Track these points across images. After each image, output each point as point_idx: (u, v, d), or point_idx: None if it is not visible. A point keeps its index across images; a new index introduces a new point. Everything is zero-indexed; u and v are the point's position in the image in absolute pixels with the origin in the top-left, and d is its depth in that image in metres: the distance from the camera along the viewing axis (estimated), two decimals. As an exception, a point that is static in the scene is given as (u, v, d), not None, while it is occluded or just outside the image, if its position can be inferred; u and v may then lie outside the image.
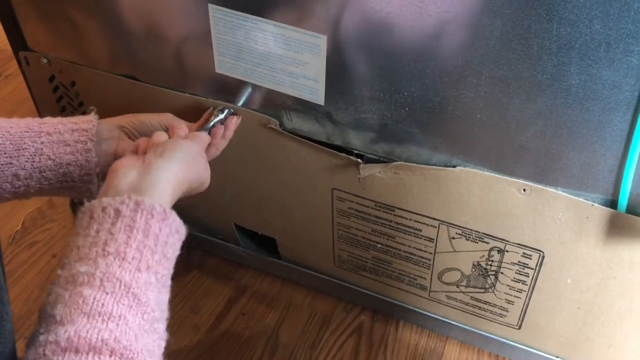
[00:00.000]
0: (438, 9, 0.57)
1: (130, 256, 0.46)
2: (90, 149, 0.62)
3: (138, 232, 0.48)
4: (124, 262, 0.46)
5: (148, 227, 0.48)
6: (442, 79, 0.61)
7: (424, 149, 0.68)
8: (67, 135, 0.62)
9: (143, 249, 0.47)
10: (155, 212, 0.49)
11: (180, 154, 0.57)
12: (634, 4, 0.50)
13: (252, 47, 0.68)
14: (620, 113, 0.56)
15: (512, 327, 0.81)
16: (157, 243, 0.49)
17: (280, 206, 0.84)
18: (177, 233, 0.52)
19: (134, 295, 0.45)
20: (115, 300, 0.44)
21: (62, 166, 0.62)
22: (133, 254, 0.47)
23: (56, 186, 0.63)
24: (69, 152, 0.62)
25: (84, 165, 0.62)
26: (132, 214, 0.48)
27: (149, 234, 0.48)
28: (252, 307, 0.93)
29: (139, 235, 0.48)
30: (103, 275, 0.45)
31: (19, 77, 0.92)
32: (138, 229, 0.48)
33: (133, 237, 0.47)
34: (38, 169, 0.61)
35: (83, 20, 0.77)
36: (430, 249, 0.77)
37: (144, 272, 0.47)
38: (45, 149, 0.61)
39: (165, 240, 0.50)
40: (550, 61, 0.55)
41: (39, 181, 0.62)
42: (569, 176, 0.63)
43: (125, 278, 0.45)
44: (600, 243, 0.66)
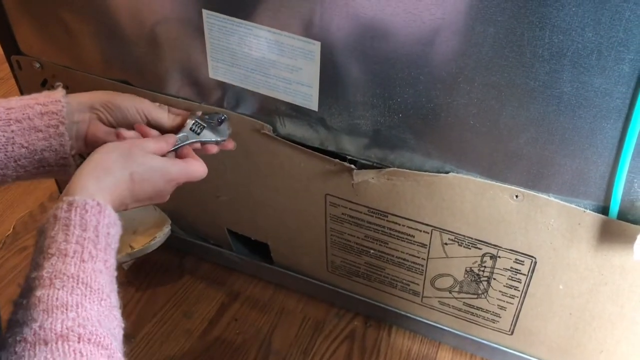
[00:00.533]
0: (432, 16, 0.57)
1: (71, 251, 0.48)
2: (63, 133, 0.61)
3: (75, 227, 0.49)
4: (66, 258, 0.47)
5: (84, 221, 0.49)
6: (436, 85, 0.61)
7: (417, 155, 0.68)
8: (37, 121, 0.60)
9: (83, 242, 0.49)
10: (88, 206, 0.50)
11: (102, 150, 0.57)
12: (625, 13, 0.50)
13: (246, 53, 0.68)
14: (612, 120, 0.56)
15: (504, 333, 0.81)
16: (97, 234, 0.50)
17: (273, 211, 0.84)
18: (115, 226, 0.53)
19: (85, 284, 0.46)
20: (68, 293, 0.45)
21: (36, 153, 0.61)
22: (74, 248, 0.48)
23: (33, 172, 0.62)
24: (41, 138, 0.60)
25: (59, 149, 0.61)
26: (67, 214, 0.50)
27: (86, 227, 0.49)
28: (245, 312, 0.93)
29: (76, 230, 0.49)
30: (50, 274, 0.46)
31: (11, 81, 0.91)
32: (74, 225, 0.49)
33: (70, 233, 0.48)
34: (12, 158, 0.60)
35: (76, 24, 0.77)
36: (423, 255, 0.77)
37: (89, 261, 0.48)
38: (17, 137, 0.60)
39: (106, 231, 0.51)
40: (542, 68, 0.56)
41: (15, 170, 0.61)
42: (561, 183, 0.63)
43: (70, 271, 0.46)
44: (592, 249, 0.66)
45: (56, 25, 0.78)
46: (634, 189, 0.60)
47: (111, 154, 0.57)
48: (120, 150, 0.58)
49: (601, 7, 0.50)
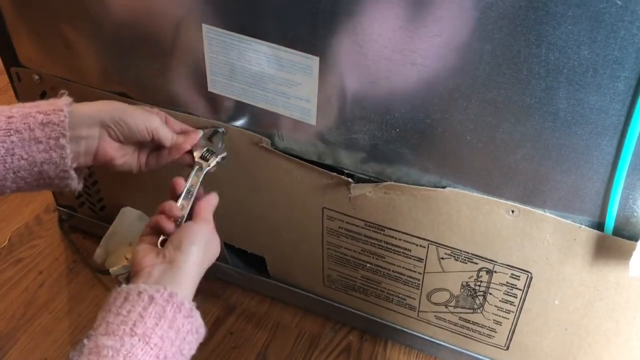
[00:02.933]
0: (429, 33, 0.57)
1: (153, 342, 0.49)
2: (63, 146, 0.59)
3: (165, 321, 0.51)
4: (146, 347, 0.49)
5: (174, 319, 0.51)
6: (433, 101, 0.62)
7: (414, 169, 0.69)
8: (38, 132, 0.59)
9: (165, 339, 0.50)
10: (183, 307, 0.53)
11: (196, 245, 0.59)
12: (620, 32, 0.51)
13: (245, 67, 0.69)
14: (607, 137, 0.57)
15: (500, 348, 0.81)
16: (177, 337, 0.52)
17: (270, 225, 0.84)
18: (197, 333, 0.55)
19: None
20: None
21: (36, 165, 0.59)
22: (156, 341, 0.50)
23: (33, 184, 0.61)
24: (42, 150, 0.59)
25: (59, 162, 0.60)
26: (164, 304, 0.51)
27: (172, 326, 0.51)
28: (240, 326, 0.93)
29: (165, 325, 0.51)
30: (127, 353, 0.47)
31: (10, 92, 0.91)
32: (166, 318, 0.51)
33: (160, 326, 0.50)
34: (12, 169, 0.59)
35: (75, 37, 0.77)
36: (420, 269, 0.78)
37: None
38: (17, 148, 0.58)
39: (184, 336, 0.52)
40: (539, 85, 0.56)
41: (14, 181, 0.60)
42: (557, 198, 0.63)
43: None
44: (587, 265, 0.66)
45: (56, 37, 0.78)
46: (629, 205, 0.61)
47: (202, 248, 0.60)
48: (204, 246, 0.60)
49: (597, 25, 0.51)
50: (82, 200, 1.00)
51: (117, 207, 0.92)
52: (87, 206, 1.00)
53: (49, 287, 0.97)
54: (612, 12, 0.50)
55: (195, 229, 0.60)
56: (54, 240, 1.04)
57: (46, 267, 1.00)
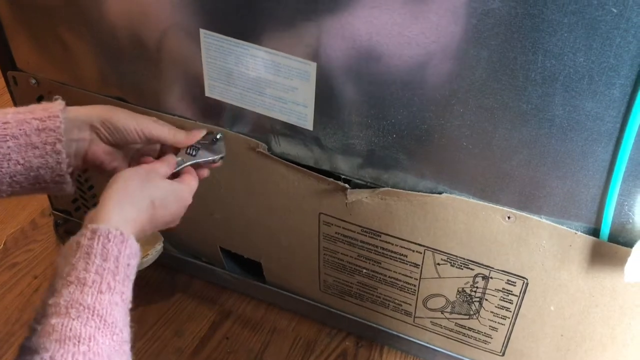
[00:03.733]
0: (426, 39, 0.58)
1: (90, 280, 0.48)
2: (60, 151, 0.60)
3: (96, 257, 0.49)
4: (84, 287, 0.48)
5: (105, 250, 0.50)
6: (429, 107, 0.62)
7: (411, 175, 0.69)
8: (34, 137, 0.59)
9: (103, 272, 0.49)
10: (111, 235, 0.51)
11: (122, 178, 0.57)
12: (616, 39, 0.51)
13: (243, 72, 0.69)
14: (603, 143, 0.57)
15: (495, 354, 0.81)
16: (117, 265, 0.50)
17: (266, 230, 0.84)
18: (135, 257, 0.53)
19: (100, 316, 0.47)
20: (82, 324, 0.46)
21: (32, 170, 0.60)
22: (93, 278, 0.48)
23: (28, 188, 0.61)
24: (38, 155, 0.59)
25: (55, 167, 0.60)
26: (89, 242, 0.50)
27: (107, 257, 0.50)
28: (236, 331, 0.93)
29: (97, 259, 0.49)
30: (67, 302, 0.47)
31: (6, 96, 0.91)
32: (95, 254, 0.50)
33: (91, 262, 0.49)
34: (8, 174, 0.59)
35: (73, 41, 0.77)
36: (416, 275, 0.78)
37: (106, 293, 0.48)
38: (13, 153, 0.59)
39: (127, 262, 0.51)
40: (535, 92, 0.57)
41: (10, 185, 0.60)
42: (553, 204, 0.64)
43: (87, 301, 0.47)
44: (583, 271, 0.66)
45: (53, 42, 0.78)
46: (624, 212, 0.61)
47: (132, 181, 0.58)
48: (139, 177, 0.58)
49: (592, 33, 0.51)
50: (78, 205, 1.00)
51: (113, 211, 0.91)
52: (82, 210, 1.00)
53: (45, 291, 0.97)
54: (607, 20, 0.50)
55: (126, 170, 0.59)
56: (50, 245, 1.04)
57: (41, 271, 1.00)
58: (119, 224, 0.53)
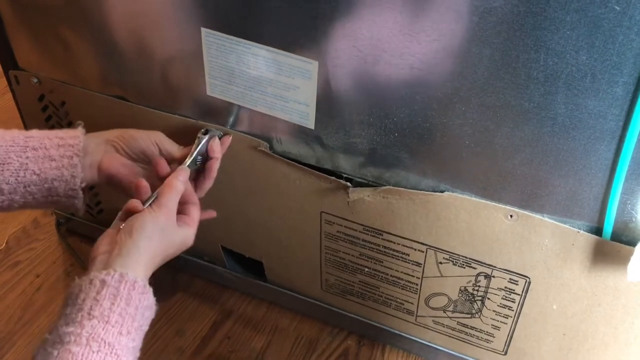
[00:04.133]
0: (428, 38, 0.58)
1: (113, 320, 0.50)
2: (76, 164, 0.62)
3: (121, 300, 0.51)
4: (107, 325, 0.50)
5: (130, 297, 0.52)
6: (431, 105, 0.62)
7: (413, 174, 0.69)
8: (53, 151, 0.62)
9: (125, 315, 0.51)
10: (137, 284, 0.53)
11: (147, 231, 0.58)
12: (619, 37, 0.51)
13: (244, 71, 0.69)
14: (606, 142, 0.57)
15: (498, 353, 0.81)
16: (136, 312, 0.53)
17: (268, 229, 0.84)
18: (151, 309, 0.55)
19: (117, 355, 0.49)
20: (101, 358, 0.48)
21: (47, 181, 0.61)
22: (116, 319, 0.50)
23: (41, 200, 0.63)
24: (54, 167, 0.61)
25: (69, 180, 0.62)
26: (117, 284, 0.52)
27: (130, 303, 0.52)
28: (238, 330, 0.92)
29: (122, 302, 0.51)
30: (89, 335, 0.48)
31: (8, 95, 0.91)
32: (121, 297, 0.52)
33: (117, 304, 0.51)
34: (23, 183, 0.61)
35: (74, 40, 0.77)
36: (418, 274, 0.77)
37: (125, 336, 0.51)
38: (30, 164, 0.61)
39: (143, 312, 0.54)
40: (537, 90, 0.56)
41: (23, 196, 0.61)
42: (555, 203, 0.63)
43: (109, 339, 0.49)
44: (586, 270, 0.66)
45: (55, 41, 0.78)
46: (627, 210, 0.61)
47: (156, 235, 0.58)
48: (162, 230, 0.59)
49: (595, 30, 0.51)
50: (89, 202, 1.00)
51: (114, 210, 0.91)
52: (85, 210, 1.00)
53: (47, 290, 0.97)
54: (610, 18, 0.50)
55: (147, 215, 0.60)
56: (52, 244, 1.04)
57: (43, 270, 1.00)
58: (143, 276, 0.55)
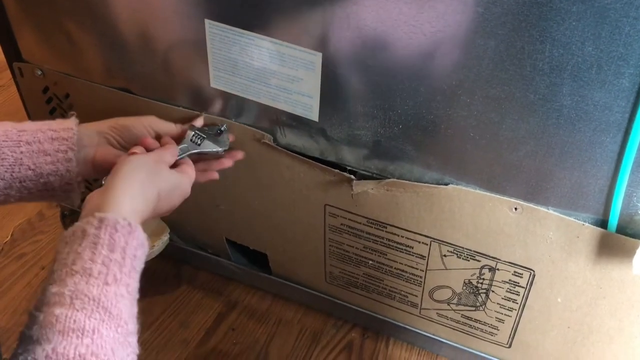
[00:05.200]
0: (432, 29, 0.57)
1: (96, 271, 0.47)
2: (70, 159, 0.61)
3: (102, 247, 0.48)
4: (90, 278, 0.47)
5: (113, 241, 0.49)
6: (436, 97, 0.62)
7: (417, 166, 0.68)
8: (47, 145, 0.61)
9: (109, 263, 0.48)
10: (119, 226, 0.50)
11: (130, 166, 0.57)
12: (625, 28, 0.50)
13: (248, 63, 0.69)
14: (611, 134, 0.57)
15: (502, 346, 0.81)
16: (124, 256, 0.49)
17: (272, 221, 0.84)
18: (142, 247, 0.52)
19: (105, 308, 0.46)
20: (87, 316, 0.45)
21: (42, 176, 0.61)
22: (99, 269, 0.47)
23: (37, 195, 0.63)
24: (49, 162, 0.61)
25: (65, 175, 0.62)
26: (97, 231, 0.49)
27: (114, 248, 0.49)
28: (242, 322, 0.93)
29: (104, 250, 0.48)
30: (72, 293, 0.45)
31: (12, 88, 0.91)
32: (102, 244, 0.48)
33: (97, 253, 0.48)
34: (18, 179, 0.60)
35: (78, 32, 0.77)
36: (422, 267, 0.77)
37: (112, 285, 0.47)
38: (25, 159, 0.60)
39: (133, 253, 0.50)
40: (542, 82, 0.56)
41: (19, 190, 0.61)
42: (560, 196, 0.63)
43: (93, 293, 0.46)
44: (591, 263, 0.66)
45: (59, 33, 0.78)
46: (632, 203, 0.60)
47: (140, 171, 0.57)
48: (147, 167, 0.58)
49: (601, 21, 0.51)
50: (84, 196, 1.00)
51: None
52: (89, 202, 1.01)
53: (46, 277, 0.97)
54: (617, 8, 0.50)
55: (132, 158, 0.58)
56: (57, 236, 1.04)
57: (49, 262, 1.00)
58: (127, 214, 0.52)
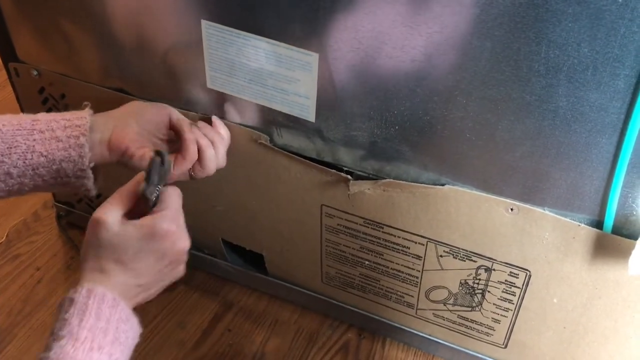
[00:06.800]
0: (429, 30, 0.57)
1: (82, 336, 0.49)
2: (83, 144, 0.61)
3: (90, 315, 0.50)
4: (76, 343, 0.48)
5: (100, 311, 0.51)
6: (432, 98, 0.62)
7: (413, 167, 0.69)
8: (59, 132, 0.61)
9: (95, 330, 0.50)
10: (106, 298, 0.51)
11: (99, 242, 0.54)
12: (621, 29, 0.51)
13: (244, 64, 0.69)
14: (607, 135, 0.57)
15: (498, 346, 0.81)
16: (108, 327, 0.51)
17: (268, 222, 0.84)
18: (128, 321, 0.53)
19: None
20: None
21: (55, 162, 0.61)
22: (85, 335, 0.49)
23: (50, 182, 0.63)
24: (61, 148, 0.61)
25: (77, 161, 0.62)
26: (85, 300, 0.51)
27: (100, 317, 0.50)
28: (239, 323, 0.93)
29: (91, 318, 0.50)
30: (58, 355, 0.47)
31: (8, 88, 0.91)
32: (90, 312, 0.50)
33: (85, 320, 0.50)
34: (31, 166, 0.60)
35: (74, 33, 0.77)
36: (418, 267, 0.77)
37: (96, 351, 0.49)
38: (37, 145, 0.60)
39: (116, 325, 0.51)
40: (538, 83, 0.56)
41: (32, 178, 0.61)
42: (556, 196, 0.63)
43: (78, 356, 0.48)
44: (586, 263, 0.66)
45: (55, 33, 0.78)
46: (628, 204, 0.60)
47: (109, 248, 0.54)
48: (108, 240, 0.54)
49: (597, 23, 0.51)
50: (80, 197, 1.00)
51: (115, 203, 0.91)
52: (85, 202, 1.00)
53: (47, 283, 0.97)
54: (612, 10, 0.50)
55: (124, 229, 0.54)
56: (52, 237, 1.04)
57: (44, 263, 1.00)
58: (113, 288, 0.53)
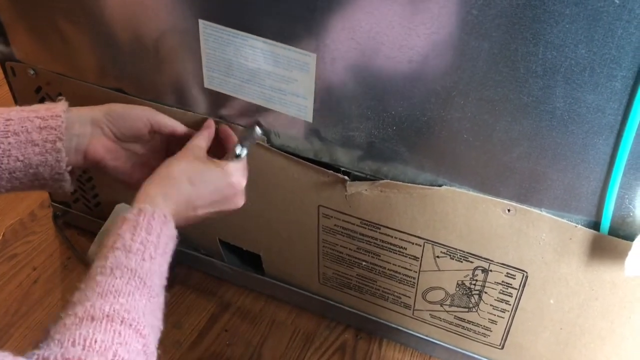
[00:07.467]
0: (427, 30, 0.57)
1: (135, 248, 0.52)
2: (59, 149, 0.61)
3: (141, 229, 0.54)
4: (129, 253, 0.52)
5: (150, 226, 0.55)
6: (430, 99, 0.62)
7: (411, 167, 0.69)
8: (35, 135, 0.60)
9: (146, 243, 0.53)
10: (156, 215, 0.56)
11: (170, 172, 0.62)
12: (618, 31, 0.51)
13: (242, 64, 0.68)
14: (604, 136, 0.57)
15: (495, 347, 0.81)
16: (159, 240, 0.55)
17: (265, 222, 0.84)
18: (173, 240, 0.57)
19: (141, 278, 0.51)
20: (124, 282, 0.50)
21: (31, 167, 0.61)
22: (137, 247, 0.53)
23: (27, 185, 0.62)
24: (37, 153, 0.60)
25: (54, 165, 0.61)
26: (136, 217, 0.55)
27: (151, 232, 0.54)
28: (235, 323, 0.93)
29: (142, 232, 0.54)
30: (112, 265, 0.51)
31: (4, 87, 0.91)
32: (141, 227, 0.54)
33: (137, 234, 0.53)
34: (7, 170, 0.60)
35: (71, 32, 0.77)
36: (415, 268, 0.77)
37: (148, 261, 0.53)
38: (13, 150, 0.60)
39: (166, 241, 0.56)
40: (536, 84, 0.56)
41: (9, 181, 0.61)
42: (553, 197, 0.63)
43: (131, 265, 0.51)
44: (583, 264, 0.66)
45: (52, 32, 0.78)
46: (625, 205, 0.61)
47: (177, 165, 0.63)
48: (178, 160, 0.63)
49: (594, 24, 0.51)
50: (77, 197, 1.00)
51: (112, 203, 0.91)
52: (81, 202, 1.00)
53: (44, 283, 0.97)
54: (609, 11, 0.50)
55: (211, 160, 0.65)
56: (49, 237, 1.04)
57: (40, 263, 1.00)
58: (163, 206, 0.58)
